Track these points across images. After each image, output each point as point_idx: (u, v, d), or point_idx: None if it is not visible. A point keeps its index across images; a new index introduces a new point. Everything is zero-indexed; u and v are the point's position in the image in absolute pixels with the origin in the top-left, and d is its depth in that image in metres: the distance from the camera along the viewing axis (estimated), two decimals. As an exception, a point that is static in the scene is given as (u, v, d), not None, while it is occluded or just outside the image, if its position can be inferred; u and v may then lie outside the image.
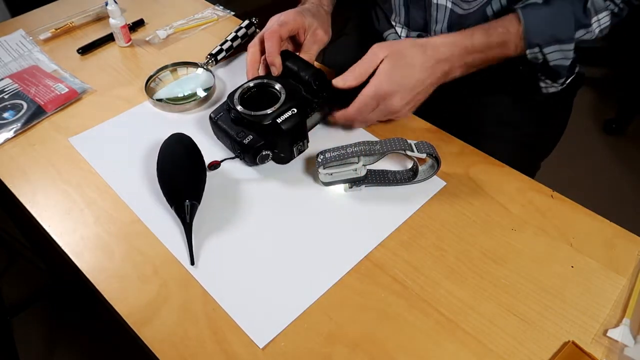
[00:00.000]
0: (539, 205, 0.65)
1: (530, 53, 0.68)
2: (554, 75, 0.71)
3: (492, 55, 0.68)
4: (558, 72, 0.70)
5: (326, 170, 0.64)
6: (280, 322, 0.54)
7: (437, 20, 0.79)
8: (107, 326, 1.30)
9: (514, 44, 0.68)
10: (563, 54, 0.68)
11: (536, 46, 0.67)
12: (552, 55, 0.68)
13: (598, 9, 0.68)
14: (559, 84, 0.74)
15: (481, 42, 0.67)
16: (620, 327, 0.53)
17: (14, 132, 0.75)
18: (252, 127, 0.66)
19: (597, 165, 1.79)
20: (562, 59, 0.68)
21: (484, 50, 0.67)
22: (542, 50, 0.67)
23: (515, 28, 0.67)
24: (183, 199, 0.61)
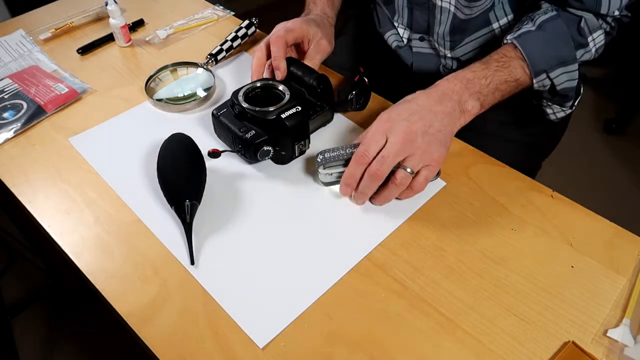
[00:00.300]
0: (539, 205, 0.65)
1: (537, 82, 0.67)
2: (562, 99, 0.71)
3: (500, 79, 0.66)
4: (566, 95, 0.70)
5: (326, 170, 0.64)
6: (280, 322, 0.54)
7: (440, 22, 0.80)
8: (107, 326, 1.30)
9: (519, 66, 0.67)
10: (569, 76, 0.68)
11: (543, 72, 0.67)
12: (558, 79, 0.67)
13: (592, 28, 0.68)
14: (568, 107, 0.73)
15: (479, 67, 0.66)
16: (620, 327, 0.53)
17: (14, 132, 0.75)
18: (255, 123, 0.66)
19: (597, 165, 1.79)
20: (569, 81, 0.68)
21: (486, 75, 0.65)
22: (549, 76, 0.67)
23: (512, 53, 0.67)
24: (183, 199, 0.61)
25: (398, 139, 0.58)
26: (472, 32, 0.80)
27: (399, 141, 0.58)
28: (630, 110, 1.91)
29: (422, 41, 0.85)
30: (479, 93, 0.64)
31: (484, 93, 0.64)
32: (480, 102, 0.64)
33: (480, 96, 0.64)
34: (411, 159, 0.59)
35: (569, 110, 0.74)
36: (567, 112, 0.74)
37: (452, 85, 0.63)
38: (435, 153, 0.59)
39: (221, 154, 0.68)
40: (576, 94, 0.72)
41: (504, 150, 0.75)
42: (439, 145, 0.60)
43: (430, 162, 0.60)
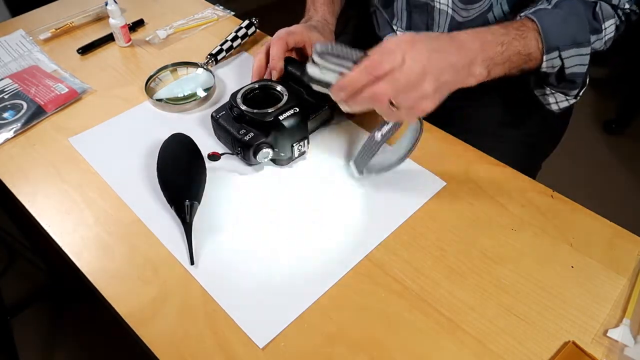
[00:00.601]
0: (539, 205, 0.65)
1: (547, 59, 0.65)
2: (569, 85, 0.69)
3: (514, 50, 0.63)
4: (574, 80, 0.68)
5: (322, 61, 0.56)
6: (280, 322, 0.54)
7: (439, 24, 0.79)
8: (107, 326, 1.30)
9: (534, 39, 0.64)
10: (580, 60, 0.66)
11: (555, 49, 0.64)
12: (569, 60, 0.65)
13: (606, 15, 0.67)
14: (573, 96, 0.71)
15: (499, 31, 0.62)
16: (620, 327, 0.53)
17: (14, 132, 0.75)
18: (254, 125, 0.66)
19: (597, 165, 1.79)
20: (579, 65, 0.66)
21: (503, 42, 0.62)
22: (561, 54, 0.65)
23: (529, 24, 0.64)
24: (183, 199, 0.61)
25: (414, 70, 0.53)
26: None
27: (414, 73, 0.53)
28: (630, 110, 1.91)
29: None
30: (490, 60, 0.61)
31: (495, 61, 0.61)
32: (488, 70, 0.61)
33: (490, 64, 0.61)
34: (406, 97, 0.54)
35: (573, 100, 0.71)
36: (571, 102, 0.72)
37: (470, 42, 0.60)
38: (428, 104, 0.56)
39: (221, 157, 0.68)
40: (583, 83, 0.70)
41: (503, 151, 0.75)
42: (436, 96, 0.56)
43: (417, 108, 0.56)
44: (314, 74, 0.58)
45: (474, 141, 0.73)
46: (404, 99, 0.55)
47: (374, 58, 0.54)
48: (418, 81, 0.54)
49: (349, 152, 0.72)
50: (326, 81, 0.58)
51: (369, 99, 0.55)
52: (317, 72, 0.58)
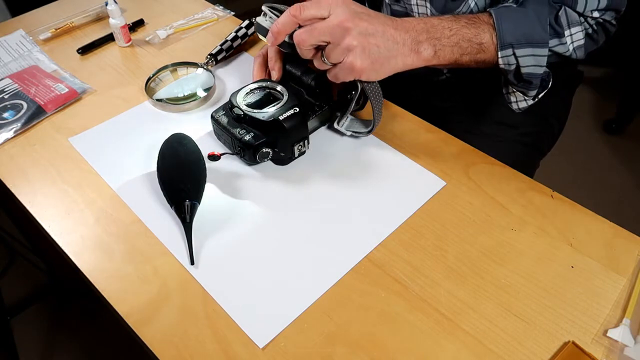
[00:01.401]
0: (539, 205, 0.65)
1: (502, 56, 0.65)
2: (525, 86, 0.68)
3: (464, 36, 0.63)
4: (530, 81, 0.67)
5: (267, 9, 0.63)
6: (280, 322, 0.54)
7: None
8: (107, 326, 1.30)
9: (488, 32, 0.64)
10: (536, 60, 0.65)
11: (509, 47, 0.64)
12: (524, 59, 0.65)
13: (571, 22, 0.67)
14: (531, 97, 0.70)
15: (448, 18, 0.64)
16: (620, 327, 0.53)
17: (14, 132, 0.75)
18: (254, 125, 0.66)
19: (597, 165, 1.79)
20: (535, 65, 0.65)
21: (452, 27, 0.63)
22: (515, 52, 0.64)
23: (485, 18, 0.65)
24: (183, 199, 0.61)
25: (336, 20, 0.57)
26: None
27: (335, 23, 0.57)
28: (630, 110, 1.91)
29: None
30: (437, 40, 0.62)
31: (442, 42, 0.62)
32: (434, 50, 0.62)
33: (437, 44, 0.62)
34: (333, 48, 0.58)
35: (531, 102, 0.71)
36: (529, 104, 0.71)
37: (414, 22, 0.62)
38: (358, 59, 0.58)
39: (221, 157, 0.68)
40: (542, 85, 0.69)
41: (502, 150, 0.75)
42: (365, 55, 0.58)
43: (347, 62, 0.59)
44: (260, 21, 0.64)
45: (474, 141, 0.73)
46: (332, 52, 0.59)
47: (301, 4, 0.58)
48: (341, 34, 0.57)
49: (349, 152, 0.72)
50: (267, 29, 0.63)
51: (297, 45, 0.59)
52: (263, 20, 0.64)
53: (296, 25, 0.59)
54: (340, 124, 0.72)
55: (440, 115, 0.78)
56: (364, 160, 0.70)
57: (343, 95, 0.73)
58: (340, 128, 0.72)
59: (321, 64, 0.61)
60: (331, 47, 0.58)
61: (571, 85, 0.93)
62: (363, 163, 0.70)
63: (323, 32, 0.58)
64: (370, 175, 0.69)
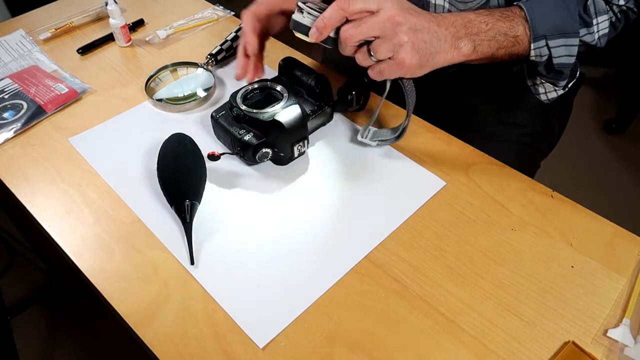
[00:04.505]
0: (539, 205, 0.65)
1: (535, 48, 0.65)
2: (557, 75, 0.69)
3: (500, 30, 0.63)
4: (561, 71, 0.68)
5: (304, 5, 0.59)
6: (280, 322, 0.54)
7: None
8: (107, 326, 1.30)
9: (521, 25, 0.64)
10: (568, 50, 0.65)
11: (542, 38, 0.64)
12: (557, 50, 0.65)
13: (599, 10, 0.67)
14: (561, 87, 0.71)
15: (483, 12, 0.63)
16: (620, 327, 0.53)
17: (14, 132, 0.75)
18: (254, 125, 0.66)
19: (597, 165, 1.79)
20: (567, 56, 0.66)
21: (487, 21, 0.62)
22: (548, 44, 0.65)
23: (516, 11, 0.65)
24: (183, 198, 0.61)
25: (386, 15, 0.55)
26: None
27: (386, 16, 0.55)
28: (630, 110, 1.91)
29: None
30: (475, 35, 0.61)
31: (480, 37, 0.62)
32: (474, 45, 0.61)
33: (476, 39, 0.61)
34: (382, 43, 0.56)
35: (561, 92, 0.71)
36: (559, 93, 0.72)
37: (453, 18, 0.61)
38: (407, 55, 0.56)
39: (220, 157, 0.68)
40: (572, 75, 0.69)
41: (502, 150, 0.75)
42: (415, 51, 0.56)
43: (397, 59, 0.57)
44: (297, 18, 0.59)
45: (474, 141, 0.73)
46: (380, 47, 0.56)
47: None
48: (391, 29, 0.55)
49: (349, 152, 0.72)
50: (308, 25, 0.59)
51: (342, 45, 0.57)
52: (300, 17, 0.59)
53: (343, 19, 0.56)
54: (364, 136, 0.70)
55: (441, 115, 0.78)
56: (364, 160, 0.70)
57: (343, 95, 0.73)
58: (365, 140, 0.70)
59: (366, 59, 0.58)
60: (380, 42, 0.56)
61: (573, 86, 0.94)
62: (363, 163, 0.70)
63: (373, 27, 0.55)
64: (370, 175, 0.69)
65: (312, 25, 0.58)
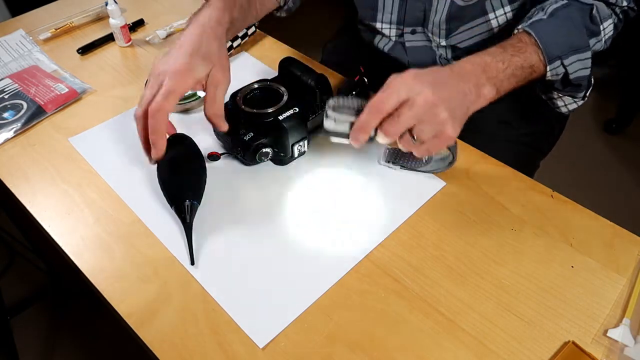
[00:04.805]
0: (539, 205, 0.65)
1: (551, 69, 0.66)
2: (575, 89, 0.70)
3: (516, 65, 0.64)
4: (579, 84, 0.69)
5: (335, 114, 0.59)
6: (280, 322, 0.54)
7: (437, 10, 0.79)
8: (107, 326, 1.30)
9: (534, 52, 0.65)
10: (582, 64, 0.67)
11: (557, 59, 0.65)
12: (572, 66, 0.66)
13: (603, 17, 0.68)
14: (580, 98, 0.72)
15: (497, 51, 0.64)
16: (620, 327, 0.53)
17: (14, 132, 0.75)
18: (254, 125, 0.66)
19: (597, 165, 1.79)
20: (582, 69, 0.67)
21: (504, 59, 0.63)
22: (563, 63, 0.66)
23: (526, 39, 0.66)
24: (183, 199, 0.61)
25: (420, 102, 0.55)
26: (468, 20, 0.80)
27: (420, 105, 0.55)
28: (630, 110, 1.90)
29: (413, 34, 0.85)
30: (495, 78, 0.62)
31: (500, 78, 0.63)
32: (496, 88, 0.62)
33: (496, 81, 0.62)
34: (424, 126, 0.56)
35: (581, 102, 0.72)
36: (579, 104, 0.73)
37: (470, 66, 0.62)
38: (450, 128, 0.57)
39: (221, 157, 0.68)
40: (588, 84, 0.70)
41: (501, 150, 0.75)
42: (455, 120, 0.57)
43: (441, 135, 0.57)
44: (330, 127, 0.60)
45: (474, 141, 0.73)
46: (423, 131, 0.56)
47: (378, 97, 0.56)
48: (430, 112, 0.55)
49: (349, 152, 0.72)
50: (341, 132, 0.60)
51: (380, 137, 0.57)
52: (333, 125, 0.60)
53: (380, 119, 0.56)
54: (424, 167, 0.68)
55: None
56: (364, 160, 0.70)
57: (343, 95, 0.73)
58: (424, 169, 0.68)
59: (410, 145, 0.58)
60: (421, 127, 0.56)
61: None
62: (363, 163, 0.70)
63: (411, 118, 0.55)
64: (370, 175, 0.69)
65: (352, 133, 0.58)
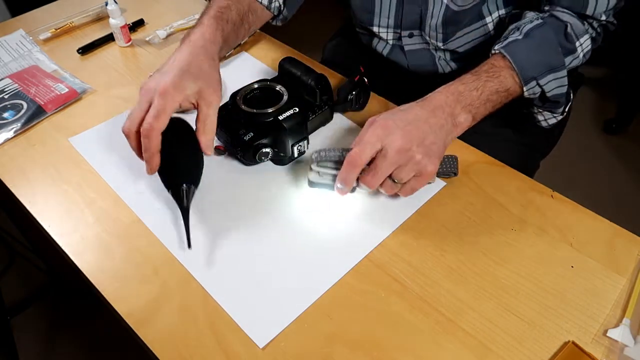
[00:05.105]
0: (539, 205, 0.65)
1: (527, 89, 0.67)
2: (553, 105, 0.72)
3: (491, 90, 0.65)
4: (557, 101, 0.70)
5: (318, 168, 0.63)
6: (280, 322, 0.54)
7: (432, 15, 0.79)
8: (107, 326, 1.30)
9: (509, 75, 0.66)
10: (558, 82, 0.68)
11: (532, 80, 0.67)
12: (548, 85, 0.68)
13: (578, 33, 0.69)
14: (559, 114, 0.73)
15: (470, 79, 0.65)
16: (620, 327, 0.53)
17: (14, 132, 0.75)
18: (254, 125, 0.66)
19: (597, 165, 1.79)
20: (559, 87, 0.68)
21: (477, 87, 0.64)
22: (539, 82, 0.67)
23: (502, 62, 0.67)
24: (180, 183, 0.61)
25: (393, 149, 0.57)
26: (465, 25, 0.80)
27: (394, 152, 0.57)
28: (630, 110, 1.90)
29: (411, 37, 0.85)
30: (470, 106, 0.64)
31: (475, 105, 0.64)
32: (472, 115, 0.64)
33: (472, 109, 0.64)
34: (402, 170, 0.58)
35: (560, 117, 0.74)
36: (559, 119, 0.74)
37: (444, 97, 0.63)
38: (428, 165, 0.59)
39: (226, 152, 0.68)
40: (566, 100, 0.72)
41: (501, 150, 0.75)
42: (431, 157, 0.59)
43: (421, 174, 0.59)
44: (315, 179, 0.64)
45: (473, 141, 0.73)
46: (402, 175, 0.59)
47: (354, 152, 0.58)
48: (404, 157, 0.58)
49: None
50: (325, 183, 0.64)
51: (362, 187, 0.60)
52: (317, 178, 0.64)
53: (359, 172, 0.59)
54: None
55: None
56: (364, 160, 0.70)
57: (343, 95, 0.73)
58: None
59: (393, 188, 0.61)
60: (399, 171, 0.58)
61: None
62: (363, 163, 0.70)
63: (388, 168, 0.58)
64: (370, 175, 0.68)
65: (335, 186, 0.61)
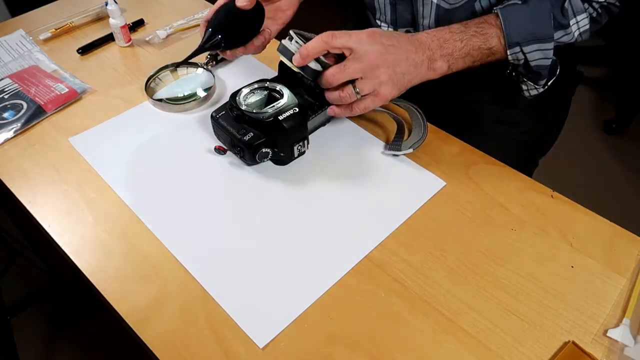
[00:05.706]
0: (539, 205, 0.65)
1: (511, 54, 0.68)
2: (535, 76, 0.72)
3: (474, 45, 0.67)
4: (539, 72, 0.70)
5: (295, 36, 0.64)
6: (280, 322, 0.54)
7: (424, 15, 0.79)
8: (108, 326, 1.30)
9: (495, 35, 0.67)
10: (543, 54, 0.68)
11: (516, 45, 0.67)
12: (532, 54, 0.68)
13: (577, 10, 0.69)
14: (541, 86, 0.74)
15: (458, 29, 0.67)
16: (620, 327, 0.53)
17: (14, 132, 0.75)
18: (254, 125, 0.66)
19: (597, 165, 1.79)
20: (543, 59, 0.68)
21: (462, 38, 0.67)
22: (522, 49, 0.68)
23: (492, 21, 0.68)
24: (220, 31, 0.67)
25: (366, 58, 0.61)
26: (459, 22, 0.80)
27: (366, 60, 0.61)
28: (630, 110, 1.90)
29: None
30: (449, 55, 0.66)
31: (454, 56, 0.67)
32: (448, 65, 0.67)
33: (450, 59, 0.66)
34: (365, 82, 0.62)
35: (542, 89, 0.74)
36: (540, 91, 0.75)
37: (429, 40, 0.66)
38: (387, 89, 0.63)
39: (227, 152, 0.68)
40: (550, 74, 0.72)
41: (501, 149, 0.75)
42: (394, 84, 0.63)
43: (378, 94, 0.63)
44: (286, 44, 0.65)
45: (474, 141, 0.73)
46: (363, 86, 0.63)
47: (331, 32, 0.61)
48: (371, 71, 0.62)
49: (349, 152, 0.72)
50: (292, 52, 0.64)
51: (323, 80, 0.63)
52: (288, 44, 0.65)
53: (325, 51, 0.62)
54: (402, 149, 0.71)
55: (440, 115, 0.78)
56: (364, 160, 0.71)
57: None
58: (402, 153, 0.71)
59: (351, 96, 0.64)
60: (362, 81, 0.62)
61: (571, 85, 0.94)
62: (363, 163, 0.70)
63: (356, 71, 0.62)
64: (370, 175, 0.69)
65: (295, 55, 0.63)
